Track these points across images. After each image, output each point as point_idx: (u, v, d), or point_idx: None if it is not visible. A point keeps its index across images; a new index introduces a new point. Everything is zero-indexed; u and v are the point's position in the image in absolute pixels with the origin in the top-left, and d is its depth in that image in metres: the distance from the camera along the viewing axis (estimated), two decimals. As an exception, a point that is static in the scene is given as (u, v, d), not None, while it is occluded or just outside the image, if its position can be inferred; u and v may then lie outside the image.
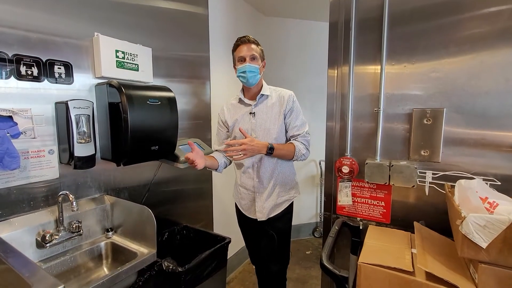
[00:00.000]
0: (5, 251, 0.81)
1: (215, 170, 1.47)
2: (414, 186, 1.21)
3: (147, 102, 1.26)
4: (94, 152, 1.21)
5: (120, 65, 1.32)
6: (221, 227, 2.14)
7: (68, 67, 1.17)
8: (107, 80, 1.25)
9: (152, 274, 1.28)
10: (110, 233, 1.29)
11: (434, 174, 1.21)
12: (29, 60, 1.05)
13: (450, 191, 1.04)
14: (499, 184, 1.09)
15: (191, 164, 1.30)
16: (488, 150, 1.12)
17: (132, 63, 1.38)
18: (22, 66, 1.04)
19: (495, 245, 0.77)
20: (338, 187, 1.40)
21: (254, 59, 1.37)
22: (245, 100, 1.46)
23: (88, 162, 1.19)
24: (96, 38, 1.24)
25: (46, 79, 1.11)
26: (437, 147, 1.19)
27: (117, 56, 1.30)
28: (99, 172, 1.31)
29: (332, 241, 1.16)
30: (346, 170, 1.34)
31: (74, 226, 1.16)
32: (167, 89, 1.40)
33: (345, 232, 1.39)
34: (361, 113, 1.36)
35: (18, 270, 0.71)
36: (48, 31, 1.11)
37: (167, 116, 1.36)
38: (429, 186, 1.22)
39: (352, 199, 1.39)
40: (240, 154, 1.27)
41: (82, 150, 1.15)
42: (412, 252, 1.01)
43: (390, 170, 1.24)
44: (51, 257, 1.11)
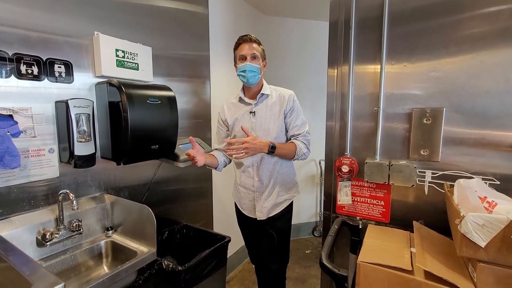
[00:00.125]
0: (5, 249, 0.82)
1: (215, 168, 1.48)
2: (413, 186, 1.21)
3: (147, 101, 1.26)
4: (94, 151, 1.21)
5: (120, 64, 1.32)
6: (221, 226, 2.14)
7: (68, 66, 1.17)
8: (107, 79, 1.25)
9: (152, 272, 1.29)
10: (110, 232, 1.30)
11: (433, 174, 1.21)
12: (29, 59, 1.05)
13: (449, 191, 1.04)
14: (498, 183, 1.09)
15: (191, 161, 1.30)
16: (487, 149, 1.12)
17: (132, 62, 1.38)
18: (22, 65, 1.04)
19: (493, 244, 0.77)
20: (338, 186, 1.40)
21: (255, 58, 1.37)
22: (245, 99, 1.46)
23: (88, 161, 1.19)
24: (96, 37, 1.24)
25: (46, 78, 1.11)
26: (436, 147, 1.20)
27: (117, 55, 1.30)
28: (99, 171, 1.32)
29: (331, 240, 1.16)
30: (345, 169, 1.35)
31: (74, 225, 1.16)
32: (167, 88, 1.40)
33: (344, 231, 1.39)
34: (361, 112, 1.36)
35: (19, 268, 0.71)
36: (48, 30, 1.11)
37: (167, 115, 1.36)
38: (428, 186, 1.22)
39: (352, 198, 1.39)
40: (242, 152, 1.26)
41: (82, 149, 1.15)
42: (411, 251, 1.01)
43: (389, 169, 1.24)
44: (51, 255, 1.12)
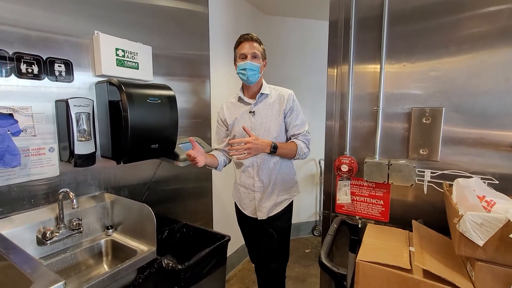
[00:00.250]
0: (6, 247, 0.82)
1: (215, 168, 1.48)
2: (412, 185, 1.21)
3: (147, 101, 1.26)
4: (94, 150, 1.22)
5: (120, 63, 1.32)
6: (220, 226, 2.14)
7: (68, 65, 1.17)
8: (107, 78, 1.25)
9: (152, 271, 1.29)
10: (110, 230, 1.30)
11: (432, 173, 1.21)
12: (29, 58, 1.06)
13: (448, 190, 1.04)
14: (497, 183, 1.09)
15: (192, 161, 1.30)
16: (486, 149, 1.12)
17: (132, 61, 1.38)
18: (22, 64, 1.04)
19: (492, 243, 0.78)
20: (337, 185, 1.40)
21: (255, 58, 1.37)
22: (244, 99, 1.46)
23: (88, 160, 1.19)
24: (96, 36, 1.24)
25: (46, 77, 1.11)
26: (436, 146, 1.20)
27: (117, 54, 1.30)
28: (99, 170, 1.32)
29: (330, 239, 1.17)
30: (345, 168, 1.35)
31: (75, 224, 1.17)
32: (167, 87, 1.40)
33: (344, 231, 1.39)
34: (360, 112, 1.36)
35: (20, 267, 0.72)
36: (49, 29, 1.11)
37: (167, 114, 1.36)
38: (427, 185, 1.22)
39: (351, 197, 1.40)
40: (245, 153, 1.26)
41: (82, 148, 1.16)
42: (410, 250, 1.01)
43: (389, 169, 1.25)
44: (52, 254, 1.12)
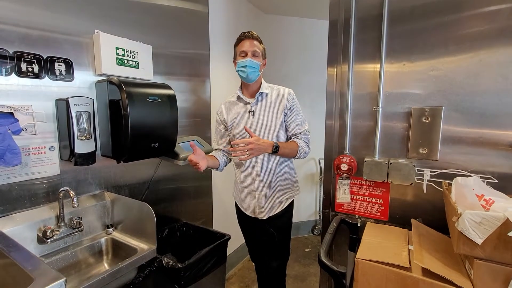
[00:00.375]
0: (8, 245, 0.83)
1: (216, 169, 1.48)
2: (412, 184, 1.22)
3: (147, 100, 1.27)
4: (94, 149, 1.22)
5: (120, 62, 1.32)
6: (220, 224, 2.15)
7: (68, 64, 1.17)
8: (107, 77, 1.26)
9: (152, 270, 1.30)
10: (111, 229, 1.31)
11: (432, 172, 1.22)
12: (29, 57, 1.06)
13: (448, 189, 1.05)
14: (496, 182, 1.10)
15: (193, 166, 1.30)
16: (486, 148, 1.12)
17: (132, 61, 1.38)
18: (23, 63, 1.04)
19: (490, 241, 0.78)
20: (337, 184, 1.41)
21: (256, 56, 1.37)
22: (244, 98, 1.45)
23: (88, 159, 1.20)
24: (97, 35, 1.24)
25: (46, 76, 1.11)
26: (435, 145, 1.20)
27: (117, 54, 1.31)
28: (99, 169, 1.32)
29: (330, 237, 1.17)
30: (345, 168, 1.35)
31: (75, 222, 1.17)
32: (167, 86, 1.41)
33: (343, 229, 1.40)
34: (360, 111, 1.36)
35: (21, 264, 0.72)
36: (49, 28, 1.12)
37: (167, 113, 1.37)
38: (427, 184, 1.23)
39: (351, 196, 1.40)
40: (247, 153, 1.25)
41: (82, 147, 1.16)
42: (409, 249, 1.02)
43: (388, 168, 1.25)
44: (52, 252, 1.12)
